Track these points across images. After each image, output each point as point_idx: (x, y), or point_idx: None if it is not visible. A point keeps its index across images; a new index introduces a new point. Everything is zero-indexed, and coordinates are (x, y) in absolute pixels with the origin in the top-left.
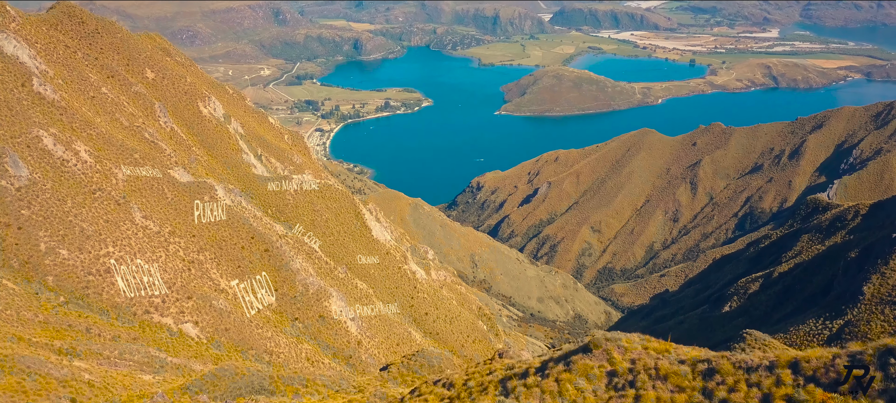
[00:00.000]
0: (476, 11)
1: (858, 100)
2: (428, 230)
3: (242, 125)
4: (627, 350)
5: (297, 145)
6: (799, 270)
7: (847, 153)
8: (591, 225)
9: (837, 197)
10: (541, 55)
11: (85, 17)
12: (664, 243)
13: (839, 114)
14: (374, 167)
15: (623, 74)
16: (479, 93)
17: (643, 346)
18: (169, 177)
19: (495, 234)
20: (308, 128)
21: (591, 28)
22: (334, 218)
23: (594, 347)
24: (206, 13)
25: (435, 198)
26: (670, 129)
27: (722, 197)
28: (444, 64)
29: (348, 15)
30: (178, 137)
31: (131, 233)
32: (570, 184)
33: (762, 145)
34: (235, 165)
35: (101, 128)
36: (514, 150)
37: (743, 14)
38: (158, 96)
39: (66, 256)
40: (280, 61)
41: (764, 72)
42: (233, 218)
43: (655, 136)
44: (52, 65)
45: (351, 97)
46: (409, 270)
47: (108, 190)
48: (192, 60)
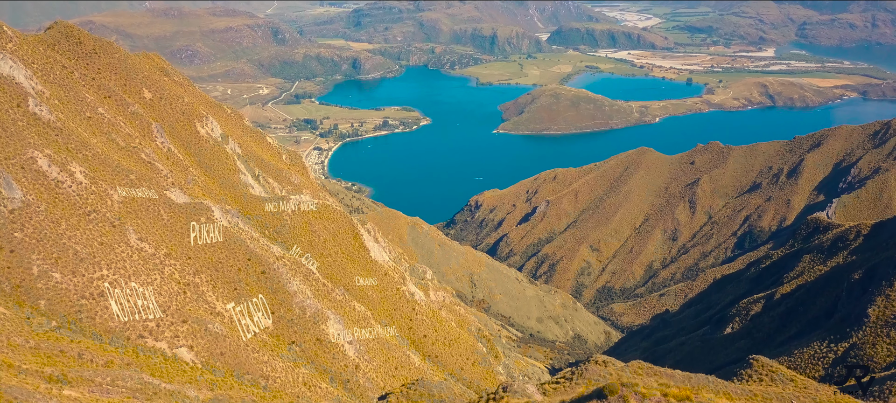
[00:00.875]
0: (474, 31)
1: (855, 118)
2: (426, 249)
3: (240, 145)
4: (645, 397)
5: (295, 165)
6: (802, 291)
7: (845, 172)
8: (590, 243)
9: (836, 216)
10: (538, 74)
11: (82, 37)
12: (663, 262)
13: (837, 132)
14: (373, 185)
15: (620, 93)
16: (477, 112)
17: (663, 393)
18: (165, 198)
19: (494, 253)
20: (306, 147)
21: (588, 47)
22: (332, 238)
23: (609, 393)
24: (206, 32)
25: (433, 217)
26: (668, 148)
27: (721, 215)
28: (442, 83)
29: (347, 34)
30: (174, 158)
31: (126, 256)
32: (569, 203)
33: (760, 164)
34: (233, 186)
35: (97, 149)
36: (512, 169)
37: (739, 33)
38: (156, 116)
39: (59, 280)
40: (279, 80)
41: (760, 91)
42: (229, 240)
43: (653, 155)
44: (49, 85)
45: (349, 116)
46: (408, 291)
47: (103, 211)
48: (190, 80)
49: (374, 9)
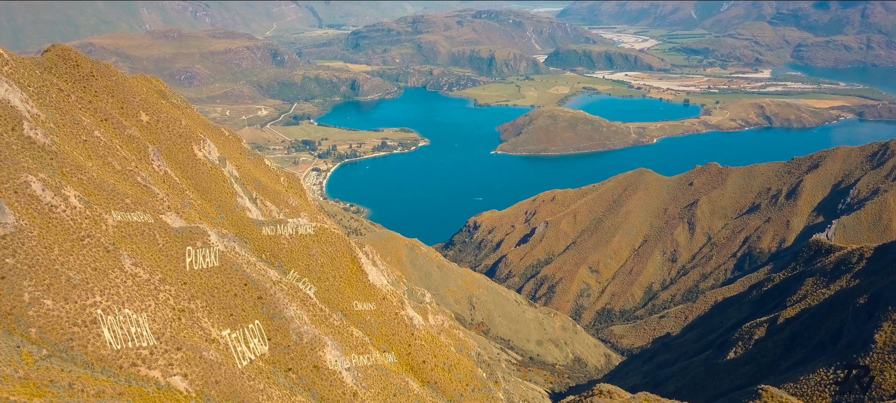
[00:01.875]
0: (472, 53)
1: (852, 139)
2: (425, 271)
3: (238, 167)
4: None
5: (293, 187)
6: (806, 316)
7: (844, 193)
8: (589, 265)
9: (836, 237)
10: (536, 95)
11: (80, 60)
12: (663, 283)
13: (835, 154)
14: (371, 206)
15: (618, 114)
16: (475, 133)
17: None
18: (161, 222)
19: (493, 274)
20: (305, 168)
21: (585, 69)
22: (330, 262)
23: None
24: (205, 54)
25: (432, 238)
26: (666, 169)
27: (720, 237)
28: (440, 104)
29: (345, 56)
30: (171, 181)
31: (120, 282)
32: (568, 224)
33: (759, 185)
34: (230, 209)
35: (93, 173)
36: (510, 189)
37: (735, 55)
38: (152, 139)
39: (50, 307)
40: (277, 102)
41: (757, 112)
42: (226, 265)
43: (652, 176)
44: (44, 108)
45: (348, 137)
46: (407, 316)
47: (97, 236)
48: (188, 102)
49: (373, 31)
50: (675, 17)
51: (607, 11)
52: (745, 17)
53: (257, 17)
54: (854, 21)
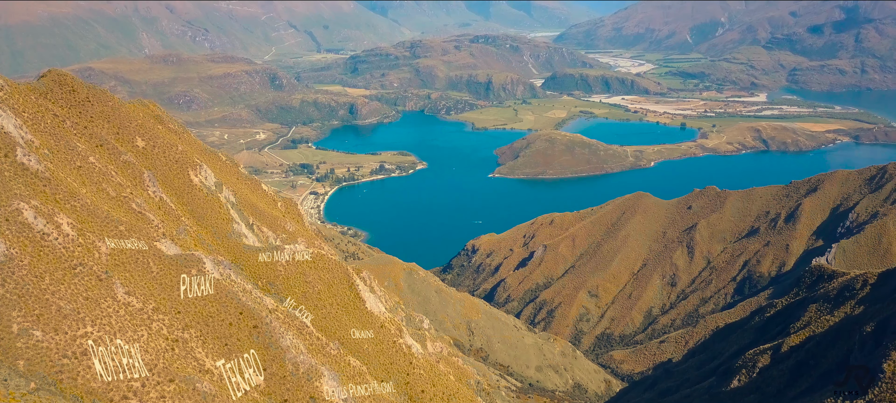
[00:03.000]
0: (469, 77)
1: (849, 162)
2: (423, 296)
3: (235, 193)
4: None
5: (291, 212)
6: (812, 343)
7: (843, 217)
8: (589, 289)
9: (836, 261)
10: (533, 119)
11: (76, 85)
12: (662, 308)
13: (833, 177)
14: (369, 230)
15: (615, 138)
16: (472, 157)
17: None
18: (155, 249)
19: (491, 299)
20: (303, 192)
21: (582, 93)
22: (327, 289)
23: None
24: (204, 78)
25: (429, 262)
26: (664, 192)
27: (719, 261)
28: (438, 128)
29: (344, 80)
30: (166, 207)
31: (112, 311)
32: (566, 248)
33: (757, 208)
34: (226, 235)
35: (86, 200)
36: (508, 213)
37: (730, 79)
38: (148, 165)
39: (40, 338)
40: (276, 125)
41: (754, 136)
42: (221, 293)
43: (650, 200)
44: (39, 134)
45: (346, 160)
46: (405, 344)
47: (89, 265)
48: (185, 127)
49: (371, 56)
50: (671, 41)
51: (603, 36)
52: (740, 41)
53: (256, 41)
54: (848, 46)
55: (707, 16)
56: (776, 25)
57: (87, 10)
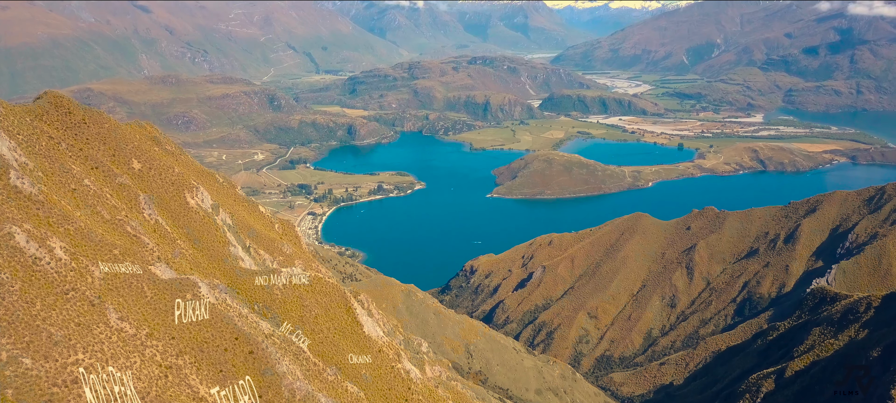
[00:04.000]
0: (467, 98)
1: (846, 183)
2: (421, 318)
3: (231, 215)
4: None
5: (288, 234)
6: (817, 368)
7: (842, 237)
8: (588, 310)
9: (836, 282)
10: (531, 140)
11: (72, 107)
12: (662, 329)
13: (831, 198)
14: (366, 250)
15: (613, 158)
16: (471, 177)
17: None
18: (150, 273)
19: (490, 320)
20: (300, 212)
21: (579, 113)
22: (324, 313)
23: None
24: (203, 99)
25: (428, 282)
26: (662, 213)
27: (719, 282)
28: (436, 148)
29: (342, 101)
30: (162, 230)
31: (104, 337)
32: (565, 269)
33: (756, 229)
34: (222, 258)
35: (80, 223)
36: (506, 233)
37: (727, 99)
38: (144, 187)
39: (29, 366)
40: (274, 146)
41: (751, 156)
42: (216, 318)
43: (649, 220)
44: (33, 156)
45: (344, 181)
46: (403, 369)
47: (82, 290)
48: (182, 148)
49: (370, 77)
50: (668, 62)
51: (600, 57)
52: (736, 62)
53: (255, 63)
54: (843, 67)
55: (703, 38)
56: (771, 47)
57: (87, 31)
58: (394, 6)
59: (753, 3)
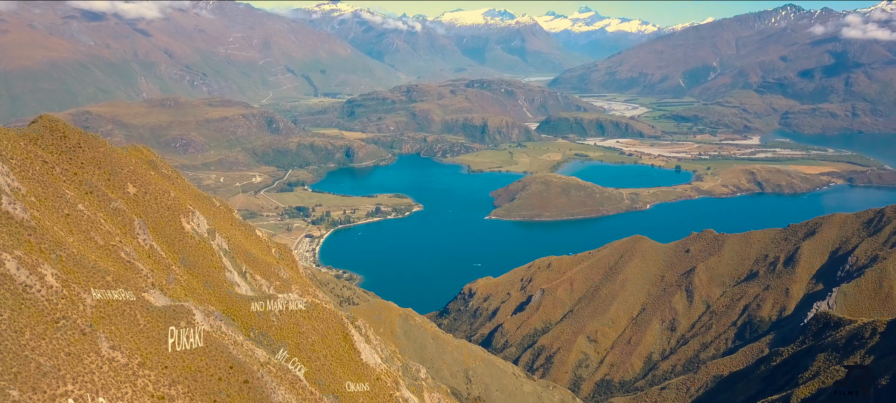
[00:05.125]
0: (465, 121)
1: (844, 205)
2: (419, 343)
3: (228, 239)
4: None
5: (285, 259)
6: (824, 396)
7: (842, 260)
8: (588, 334)
9: (837, 306)
10: (528, 162)
11: (67, 131)
12: (662, 353)
13: (830, 220)
14: (364, 273)
15: (610, 180)
16: (468, 199)
17: None
18: (143, 300)
19: (489, 344)
20: (298, 235)
21: (577, 136)
22: (321, 340)
23: None
24: (201, 122)
25: (426, 305)
26: (661, 235)
27: (719, 305)
28: (434, 170)
29: (341, 124)
30: (157, 255)
31: (95, 367)
32: (564, 292)
33: (756, 252)
34: (217, 284)
35: (73, 249)
36: (505, 255)
37: (724, 122)
38: (139, 212)
39: (16, 398)
40: (272, 168)
41: (748, 178)
42: (210, 346)
43: (648, 243)
44: (26, 181)
45: (342, 203)
46: (401, 397)
47: (73, 318)
48: (179, 172)
49: (368, 100)
50: (664, 85)
51: (597, 81)
52: (732, 85)
53: (254, 86)
54: (838, 89)
55: (699, 61)
56: (767, 70)
57: (87, 55)
58: (392, 30)
59: (748, 27)
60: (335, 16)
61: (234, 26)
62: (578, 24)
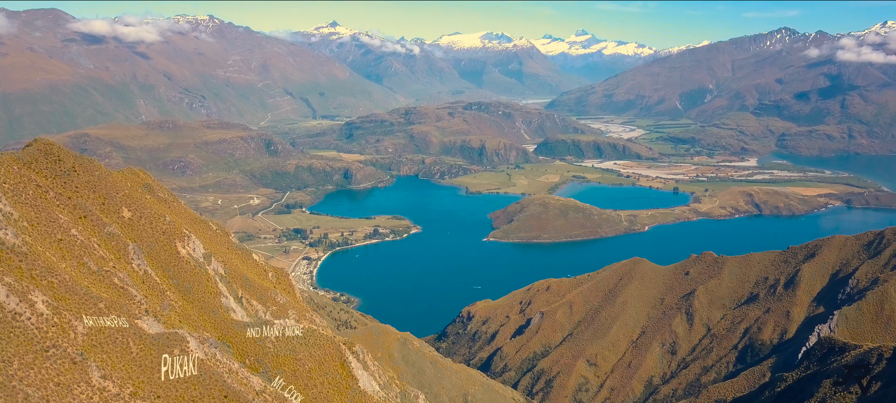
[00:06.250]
0: (463, 143)
1: (842, 227)
2: (418, 367)
3: (224, 264)
4: None
5: (282, 283)
6: None
7: (843, 283)
8: (587, 358)
9: (839, 328)
10: (526, 183)
11: (62, 154)
12: (663, 377)
13: (830, 243)
14: (362, 295)
15: (608, 202)
16: (467, 220)
17: None
18: (136, 327)
19: (488, 368)
20: (295, 257)
21: (574, 158)
22: (318, 367)
23: None
24: (199, 144)
25: (424, 329)
26: (660, 257)
27: (719, 328)
28: (432, 192)
29: (339, 146)
30: (151, 281)
31: (85, 398)
32: (563, 315)
33: (756, 274)
34: (212, 310)
35: (65, 275)
36: (503, 278)
37: (721, 144)
38: (134, 236)
39: None
40: (270, 190)
41: (746, 200)
42: (205, 374)
43: (647, 266)
44: (19, 206)
45: (340, 225)
46: None
47: (63, 346)
48: (175, 195)
49: (366, 122)
50: (661, 107)
51: (594, 103)
52: (729, 107)
53: (252, 108)
54: (834, 112)
55: (695, 83)
56: (763, 92)
57: (86, 77)
58: (391, 53)
59: (744, 50)
60: (334, 39)
61: (233, 49)
62: (575, 47)
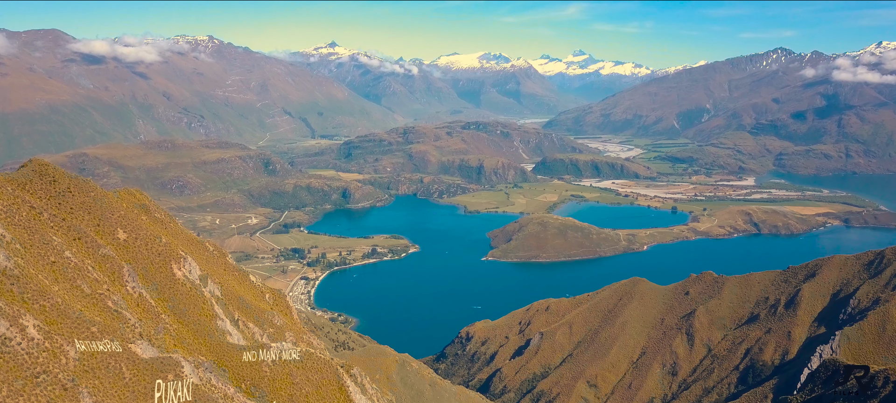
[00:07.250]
0: (461, 162)
1: (841, 246)
2: (416, 390)
3: (221, 285)
4: None
5: (279, 304)
6: None
7: (844, 303)
8: (587, 379)
9: (841, 349)
10: (525, 203)
11: (57, 175)
12: (664, 399)
13: (830, 262)
14: (359, 316)
15: (607, 221)
16: (465, 240)
17: None
18: (129, 352)
19: (487, 390)
20: (293, 277)
21: (572, 177)
22: (315, 391)
23: None
24: (198, 164)
25: (422, 349)
26: (659, 277)
27: (720, 349)
28: (430, 211)
29: (337, 166)
30: (146, 304)
31: None
32: (563, 335)
33: (756, 294)
34: (208, 333)
35: (57, 298)
36: (502, 298)
37: (719, 163)
38: (129, 258)
39: None
40: (268, 210)
41: (745, 219)
42: (199, 399)
43: (646, 285)
44: (12, 227)
45: (338, 244)
46: None
47: (54, 372)
48: (172, 216)
49: (365, 142)
50: (659, 127)
51: (592, 122)
52: (726, 127)
53: (251, 127)
54: (831, 131)
55: (692, 103)
56: (760, 112)
57: (86, 97)
58: (389, 73)
59: (740, 70)
60: (333, 59)
61: (232, 69)
62: (573, 67)
